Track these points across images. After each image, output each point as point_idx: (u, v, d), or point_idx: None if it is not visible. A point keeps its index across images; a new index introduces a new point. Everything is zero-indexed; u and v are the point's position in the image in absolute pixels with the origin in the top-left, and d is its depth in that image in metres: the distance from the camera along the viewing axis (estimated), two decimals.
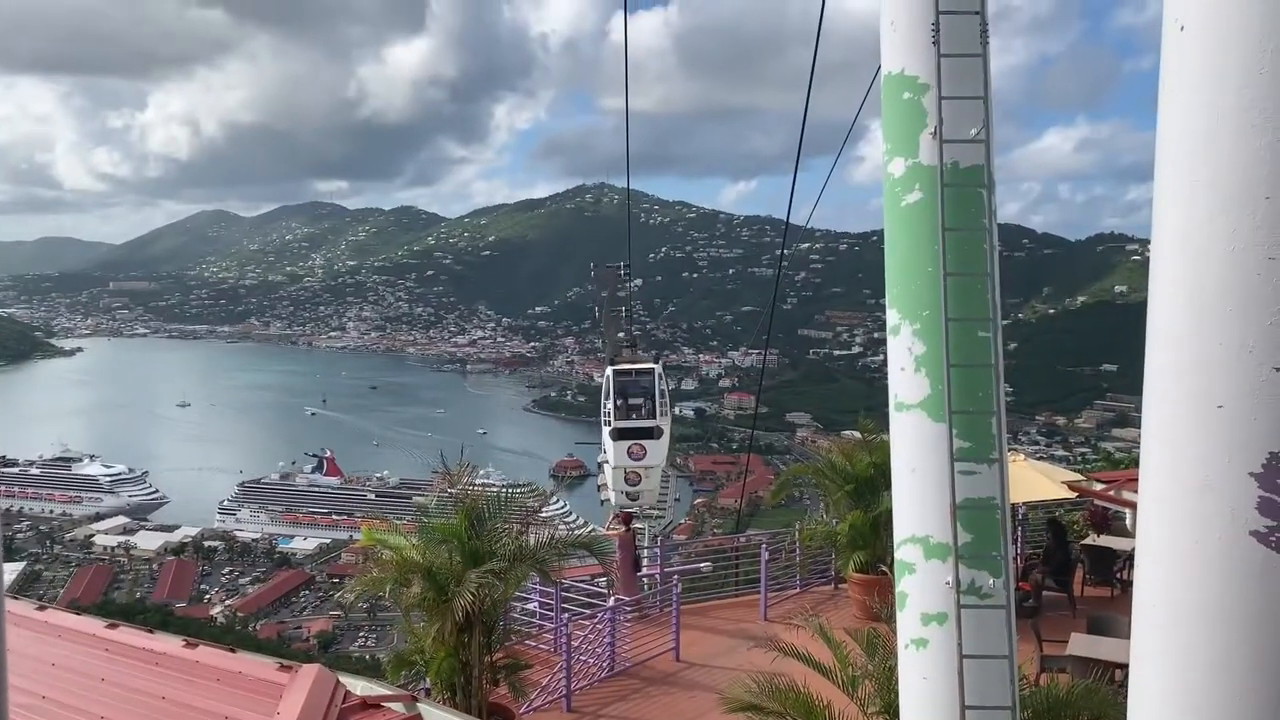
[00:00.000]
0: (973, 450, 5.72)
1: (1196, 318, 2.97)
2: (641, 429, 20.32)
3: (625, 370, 20.99)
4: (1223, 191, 2.89)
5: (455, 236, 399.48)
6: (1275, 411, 2.86)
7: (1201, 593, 3.06)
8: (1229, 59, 2.87)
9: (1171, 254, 3.06)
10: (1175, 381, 3.06)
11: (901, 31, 6.30)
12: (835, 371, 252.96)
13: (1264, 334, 2.85)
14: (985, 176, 6.23)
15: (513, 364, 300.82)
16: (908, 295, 6.09)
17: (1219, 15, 2.89)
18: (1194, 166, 2.96)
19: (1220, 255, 2.90)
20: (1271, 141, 2.81)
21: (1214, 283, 2.92)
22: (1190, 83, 2.99)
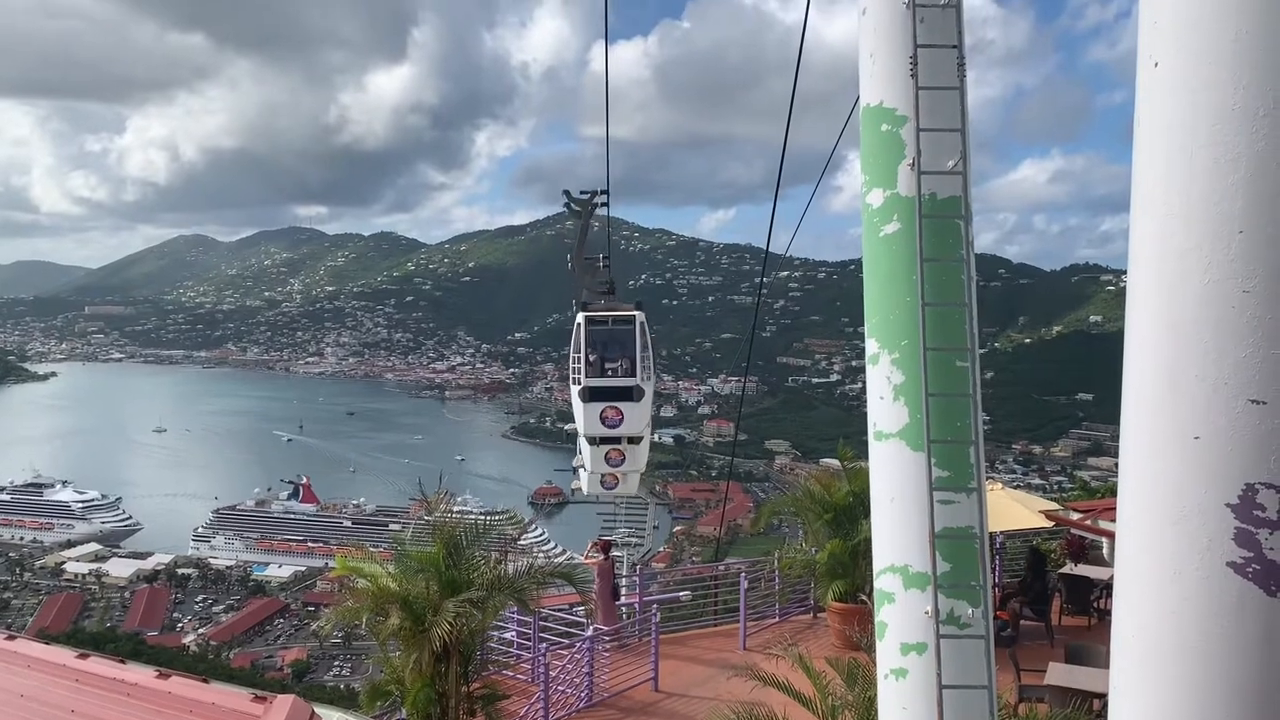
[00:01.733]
0: (951, 479, 5.74)
1: (1173, 350, 3.00)
2: (618, 389, 16.96)
3: (599, 317, 17.46)
4: (1197, 225, 2.93)
5: (435, 262, 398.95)
6: (1251, 443, 2.89)
7: (1179, 624, 3.07)
8: (1202, 95, 2.92)
9: (1147, 287, 3.09)
10: (1152, 413, 3.09)
11: (880, 64, 6.38)
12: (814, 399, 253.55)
13: (1239, 366, 2.87)
14: (962, 207, 6.29)
15: (492, 390, 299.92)
16: (887, 325, 6.13)
17: (1192, 52, 2.94)
18: (1169, 200, 3.00)
19: (1195, 288, 2.93)
20: (1245, 176, 2.85)
21: (1190, 315, 2.95)
22: (1164, 118, 3.03)
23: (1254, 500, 2.89)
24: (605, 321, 17.37)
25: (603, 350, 17.37)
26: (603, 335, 17.37)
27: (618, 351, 17.34)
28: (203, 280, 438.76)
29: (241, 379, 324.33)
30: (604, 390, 16.89)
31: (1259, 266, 2.83)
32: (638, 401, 16.88)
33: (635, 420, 16.81)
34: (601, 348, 17.39)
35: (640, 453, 18.24)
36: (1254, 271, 2.84)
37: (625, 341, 17.29)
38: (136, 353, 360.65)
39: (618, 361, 17.32)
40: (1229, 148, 2.85)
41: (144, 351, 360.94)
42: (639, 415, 16.92)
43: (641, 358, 17.16)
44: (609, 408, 16.72)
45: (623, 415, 16.74)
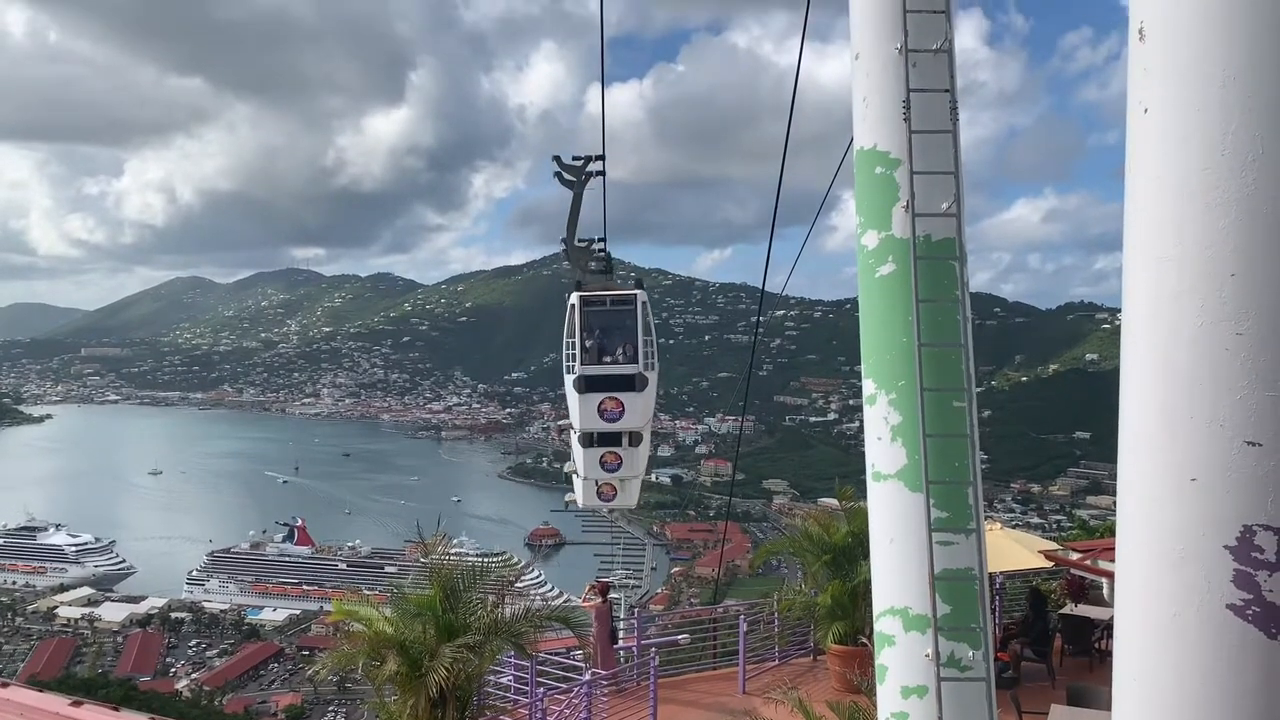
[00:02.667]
0: (950, 520, 5.73)
1: (1168, 391, 3.01)
2: (617, 378, 15.23)
3: (595, 297, 15.66)
4: (1190, 268, 2.96)
5: (432, 303, 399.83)
6: (1248, 485, 2.89)
7: (1180, 667, 3.06)
8: (1192, 140, 2.95)
9: (1142, 329, 3.12)
10: (1148, 455, 3.10)
11: (874, 108, 6.46)
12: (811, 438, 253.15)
13: (1235, 408, 2.89)
14: (957, 249, 6.34)
15: (488, 430, 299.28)
16: (883, 365, 6.15)
17: (1181, 98, 2.98)
18: (1161, 244, 3.03)
19: (1190, 331, 2.95)
20: (1236, 219, 2.89)
21: (1184, 357, 2.97)
22: (1155, 163, 3.07)
23: (1252, 542, 2.89)
24: (602, 302, 15.59)
25: (600, 334, 15.60)
26: (600, 317, 15.61)
27: (617, 335, 15.58)
28: (199, 322, 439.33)
29: (237, 420, 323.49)
30: (602, 379, 15.19)
31: (1252, 310, 2.86)
32: (640, 391, 15.17)
33: (637, 413, 15.14)
34: (599, 331, 15.61)
35: (639, 456, 16.59)
36: (1247, 314, 2.86)
37: (625, 324, 15.53)
38: (132, 394, 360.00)
39: (617, 347, 15.57)
40: (1220, 192, 2.88)
41: (140, 393, 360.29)
42: (642, 407, 15.25)
43: (644, 342, 15.48)
44: (608, 399, 14.99)
45: (623, 407, 14.99)
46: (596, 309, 15.68)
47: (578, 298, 15.49)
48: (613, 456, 16.03)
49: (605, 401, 15.09)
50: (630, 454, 16.30)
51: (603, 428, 15.27)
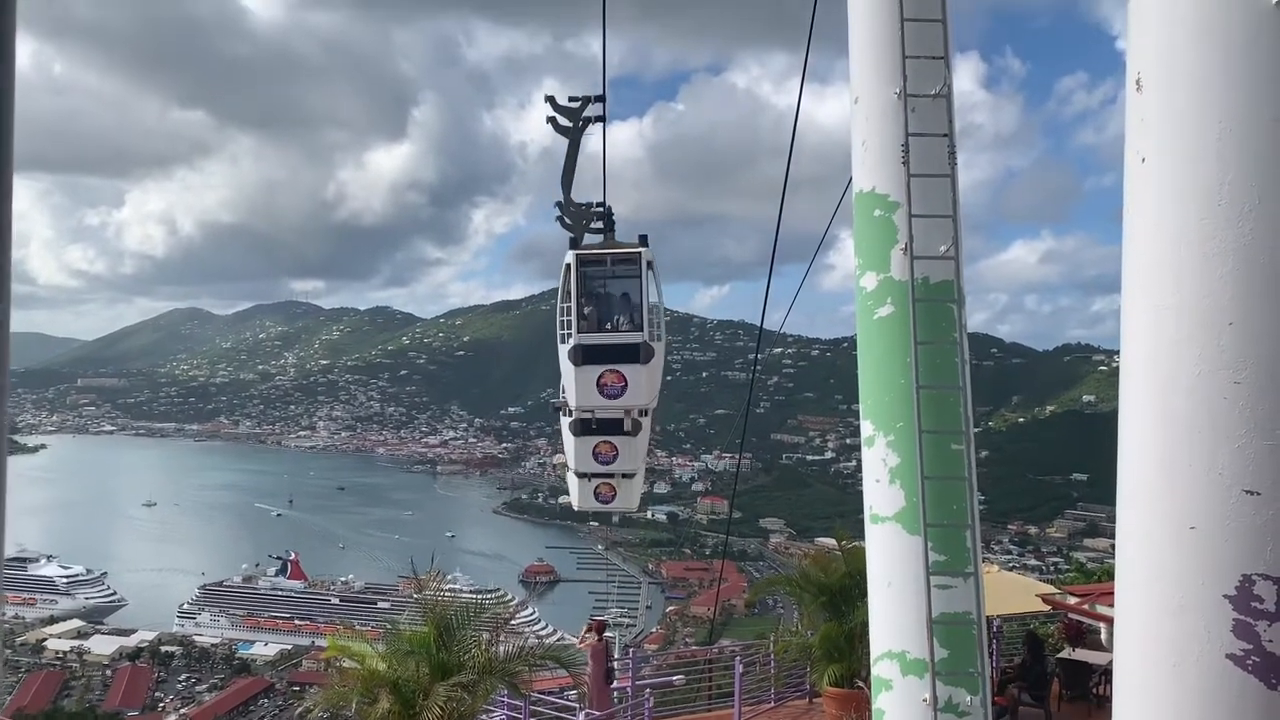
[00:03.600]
0: (948, 564, 5.71)
1: (1166, 440, 3.02)
2: (619, 348, 13.51)
3: (595, 255, 14.05)
4: (1188, 317, 2.98)
5: (430, 336, 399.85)
6: (1247, 533, 2.89)
7: (1180, 716, 3.04)
8: (1188, 190, 2.99)
9: (1140, 377, 3.13)
10: (1148, 503, 3.10)
11: (873, 152, 6.52)
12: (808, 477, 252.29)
13: (1233, 456, 2.90)
14: (955, 291, 6.37)
15: (484, 465, 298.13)
16: (881, 407, 6.16)
17: (1177, 148, 3.02)
18: (1159, 292, 3.06)
19: (1188, 379, 2.97)
20: (1233, 268, 2.91)
21: (1183, 405, 2.98)
22: (1152, 212, 3.10)
23: (1251, 592, 2.89)
24: (602, 262, 13.94)
25: (599, 299, 13.99)
26: (600, 279, 13.98)
27: (619, 300, 13.97)
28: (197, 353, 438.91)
29: (233, 452, 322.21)
30: (602, 349, 13.43)
31: (1249, 358, 2.87)
32: (645, 363, 13.35)
33: (642, 388, 13.32)
34: (598, 296, 14.00)
35: (637, 447, 14.91)
36: (1245, 363, 2.88)
37: (628, 287, 13.89)
38: (128, 425, 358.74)
39: (620, 314, 13.96)
40: (1217, 241, 2.92)
41: (135, 424, 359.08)
42: (647, 382, 13.41)
43: (650, 308, 13.79)
44: (608, 372, 13.19)
45: (626, 381, 13.10)
46: (596, 270, 13.98)
47: (574, 257, 13.75)
48: (607, 447, 14.35)
49: (605, 375, 13.25)
50: (629, 444, 14.58)
51: (602, 405, 13.42)
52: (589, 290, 14.05)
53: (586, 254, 14.04)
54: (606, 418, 14.52)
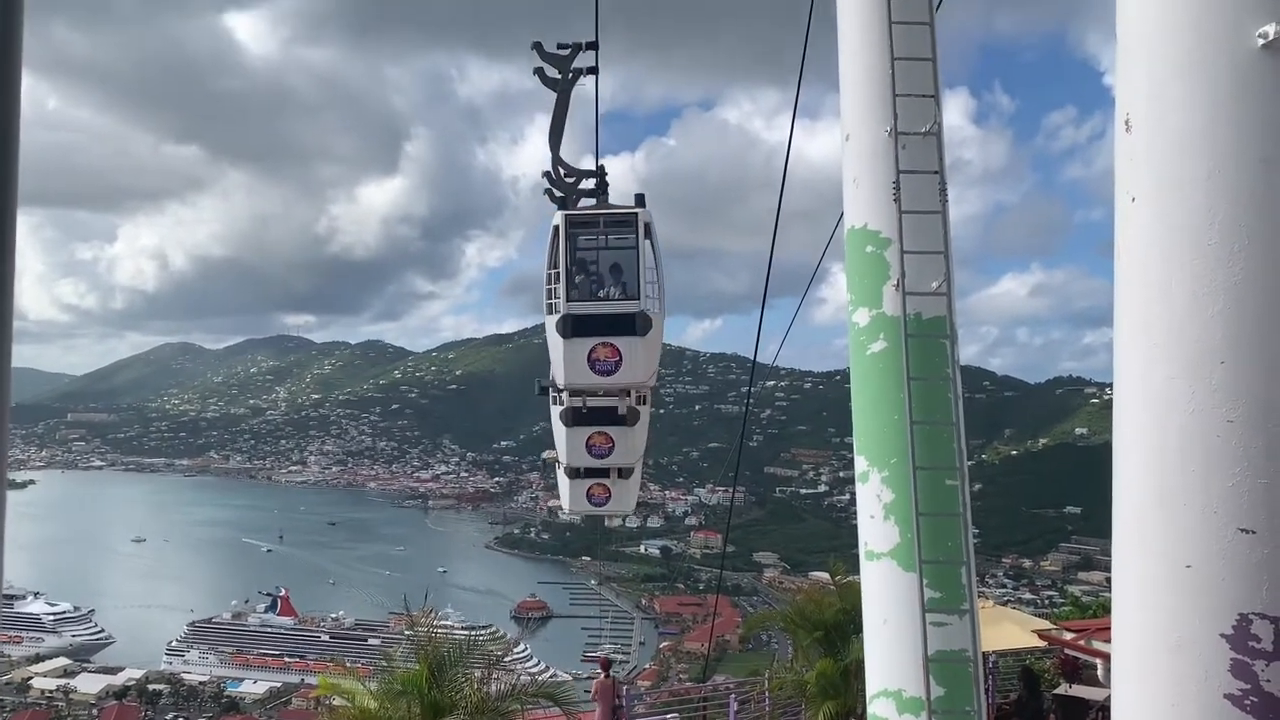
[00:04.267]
0: (944, 601, 5.69)
1: (1161, 479, 3.02)
2: (613, 318, 12.22)
3: (586, 216, 12.88)
4: (1180, 356, 2.99)
5: (422, 370, 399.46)
6: (1243, 572, 2.89)
7: None
8: (1178, 229, 3.01)
9: (1134, 414, 3.14)
10: (1143, 541, 3.10)
11: (864, 189, 6.57)
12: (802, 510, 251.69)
13: (1227, 495, 2.90)
14: (947, 327, 6.39)
15: (476, 499, 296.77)
16: (875, 443, 6.16)
17: (1167, 188, 3.05)
18: (1150, 332, 3.07)
19: (1181, 417, 2.98)
20: (1224, 308, 2.93)
21: (1176, 444, 2.98)
22: (1143, 251, 3.12)
23: (1248, 631, 2.88)
24: (594, 224, 12.79)
25: (592, 265, 12.78)
26: (591, 244, 12.82)
27: (613, 266, 12.71)
28: (188, 388, 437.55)
29: (223, 487, 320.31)
30: (593, 320, 12.12)
31: (1241, 397, 2.89)
32: (643, 336, 11.98)
33: (640, 363, 12.01)
34: (590, 263, 12.80)
35: (635, 438, 13.71)
36: (1237, 402, 2.89)
37: (624, 251, 12.61)
38: (118, 460, 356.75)
39: (614, 281, 12.70)
40: (1207, 281, 2.93)
41: (125, 459, 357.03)
42: (645, 357, 12.09)
43: (648, 273, 12.43)
44: (601, 345, 11.82)
45: (621, 356, 11.73)
46: (587, 233, 12.77)
47: (562, 218, 12.41)
48: (602, 439, 13.01)
49: (597, 348, 11.80)
50: (626, 435, 13.32)
51: (593, 384, 12.05)
52: (579, 256, 12.68)
53: (577, 215, 12.75)
54: (600, 406, 13.37)
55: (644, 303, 12.36)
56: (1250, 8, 2.83)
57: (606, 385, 12.36)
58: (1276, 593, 2.82)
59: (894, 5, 6.15)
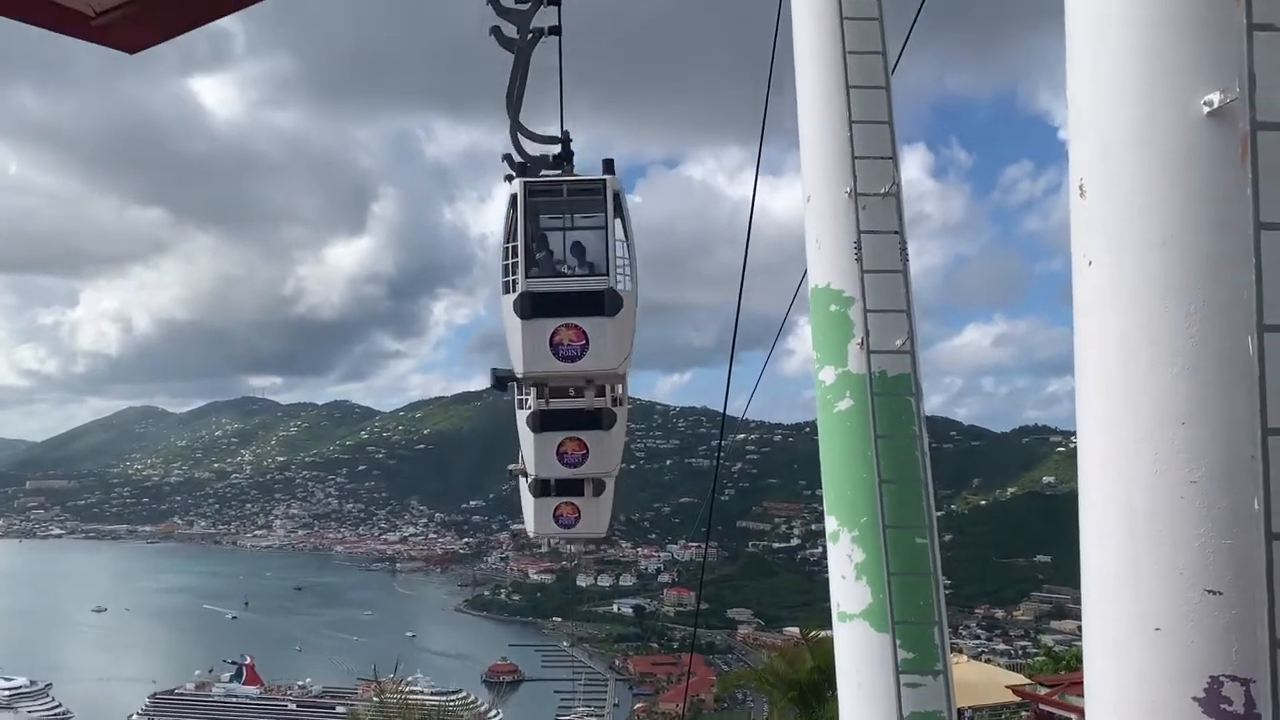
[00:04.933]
0: (917, 662, 5.65)
1: (1127, 540, 3.03)
2: (577, 297, 10.98)
3: (549, 185, 11.59)
4: (1142, 417, 3.01)
5: (389, 430, 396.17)
6: (1212, 635, 2.89)
7: None
8: (1135, 291, 3.05)
9: (1099, 477, 3.15)
10: (1112, 604, 3.09)
11: (826, 249, 6.65)
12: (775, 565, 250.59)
13: (1194, 556, 2.91)
14: (912, 384, 6.45)
15: (445, 561, 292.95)
16: (845, 502, 6.17)
17: (1123, 252, 3.09)
18: (1111, 393, 3.10)
19: (1145, 478, 2.99)
20: (1183, 369, 2.96)
21: (1142, 505, 3.00)
22: (1102, 313, 3.16)
23: (1219, 693, 2.87)
24: (557, 192, 11.56)
25: (553, 241, 11.64)
26: (554, 215, 11.76)
27: (579, 239, 11.59)
28: (151, 452, 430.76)
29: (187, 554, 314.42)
30: (556, 299, 10.86)
31: (1204, 457, 2.91)
32: (611, 316, 10.71)
33: (609, 347, 10.70)
34: (552, 237, 11.69)
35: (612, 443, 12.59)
36: (1200, 463, 2.91)
37: (591, 224, 11.50)
38: (77, 528, 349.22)
39: (579, 256, 11.54)
40: (1165, 343, 2.97)
41: (85, 526, 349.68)
42: (614, 339, 10.79)
43: (617, 247, 11.16)
44: (564, 326, 10.49)
45: (587, 339, 10.45)
46: (549, 202, 11.58)
47: (521, 185, 11.14)
48: (575, 445, 11.79)
49: (560, 330, 10.47)
50: (601, 440, 12.14)
51: (556, 371, 10.80)
52: (540, 229, 11.46)
53: (538, 183, 11.40)
54: (572, 409, 12.13)
55: (614, 279, 10.97)
56: (1195, 77, 2.90)
57: (570, 372, 11.03)
58: (1247, 654, 2.82)
59: (851, 70, 6.28)
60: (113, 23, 2.30)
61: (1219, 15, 2.76)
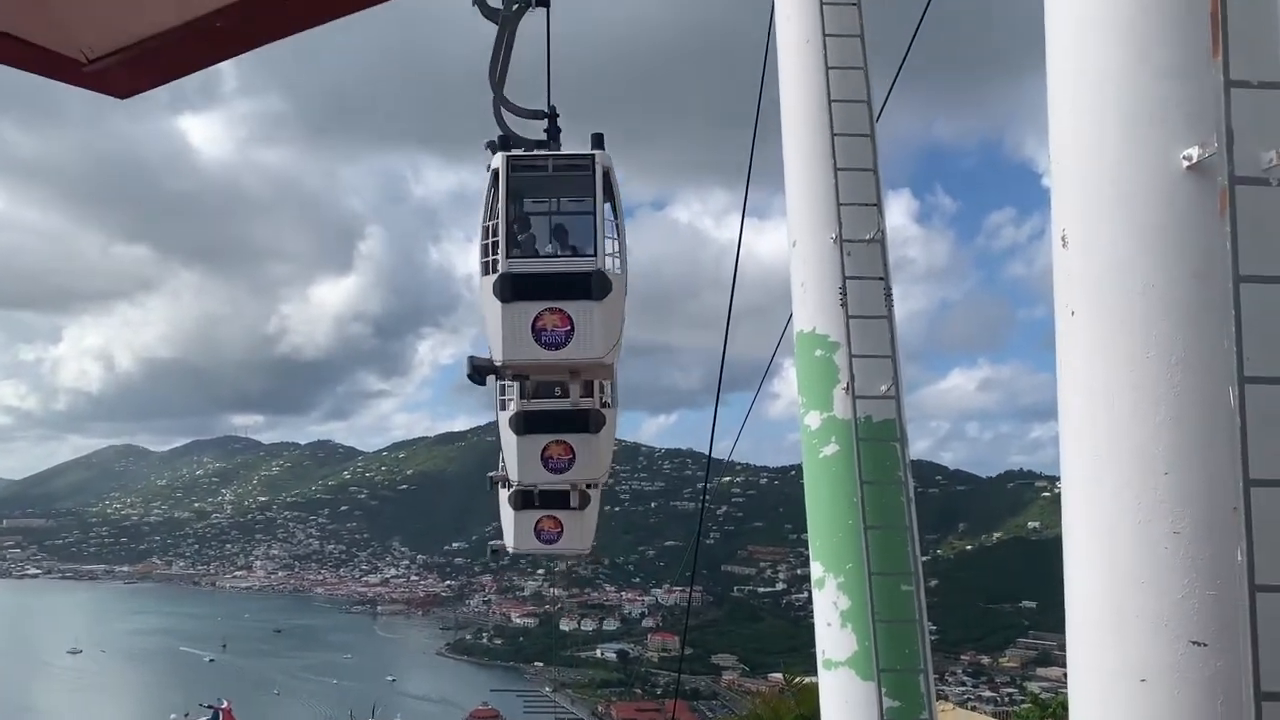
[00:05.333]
0: (903, 710, 5.61)
1: (1112, 590, 3.03)
2: (563, 278, 10.33)
3: (533, 160, 10.94)
4: (1125, 466, 3.03)
5: (372, 470, 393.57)
6: (1197, 686, 2.87)
7: None
8: (1118, 341, 3.08)
9: (1082, 526, 3.16)
10: (1099, 654, 3.08)
11: (812, 293, 6.68)
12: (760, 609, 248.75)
13: (1177, 607, 2.90)
14: (898, 430, 6.46)
15: (426, 604, 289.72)
16: (830, 548, 6.14)
17: (1104, 303, 3.12)
18: (1095, 442, 3.11)
19: (1128, 528, 3.00)
20: (1165, 418, 2.98)
21: (1125, 555, 3.00)
22: (1085, 362, 3.18)
23: None
24: (542, 167, 10.83)
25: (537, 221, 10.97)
26: (538, 193, 11.03)
27: (564, 219, 10.91)
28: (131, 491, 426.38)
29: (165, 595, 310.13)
30: (540, 280, 10.22)
31: (1188, 508, 2.92)
32: (599, 300, 10.05)
33: (595, 334, 10.02)
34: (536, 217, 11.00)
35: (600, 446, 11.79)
36: (1183, 513, 2.92)
37: (578, 203, 10.80)
38: (54, 568, 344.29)
39: (564, 236, 10.89)
40: (1148, 391, 2.99)
41: (63, 566, 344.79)
42: (602, 326, 10.10)
43: (606, 227, 10.43)
44: (548, 311, 9.88)
45: (572, 325, 9.84)
46: (533, 178, 10.80)
47: (503, 160, 10.42)
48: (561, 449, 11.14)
49: (543, 315, 9.81)
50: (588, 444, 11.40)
51: (538, 359, 10.08)
52: (523, 211, 10.75)
53: (521, 158, 10.68)
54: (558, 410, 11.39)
55: (602, 261, 10.20)
56: (1174, 131, 2.95)
57: (554, 361, 10.27)
58: (1233, 706, 2.80)
59: (836, 118, 6.35)
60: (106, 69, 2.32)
61: (1197, 70, 2.82)
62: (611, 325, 10.33)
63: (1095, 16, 3.01)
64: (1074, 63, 3.14)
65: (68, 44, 2.32)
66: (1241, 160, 2.61)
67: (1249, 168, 2.63)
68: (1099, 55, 3.05)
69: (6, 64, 2.28)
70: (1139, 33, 2.94)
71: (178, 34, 2.22)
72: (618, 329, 10.48)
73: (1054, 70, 3.25)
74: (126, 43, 2.29)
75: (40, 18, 2.19)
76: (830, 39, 6.53)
